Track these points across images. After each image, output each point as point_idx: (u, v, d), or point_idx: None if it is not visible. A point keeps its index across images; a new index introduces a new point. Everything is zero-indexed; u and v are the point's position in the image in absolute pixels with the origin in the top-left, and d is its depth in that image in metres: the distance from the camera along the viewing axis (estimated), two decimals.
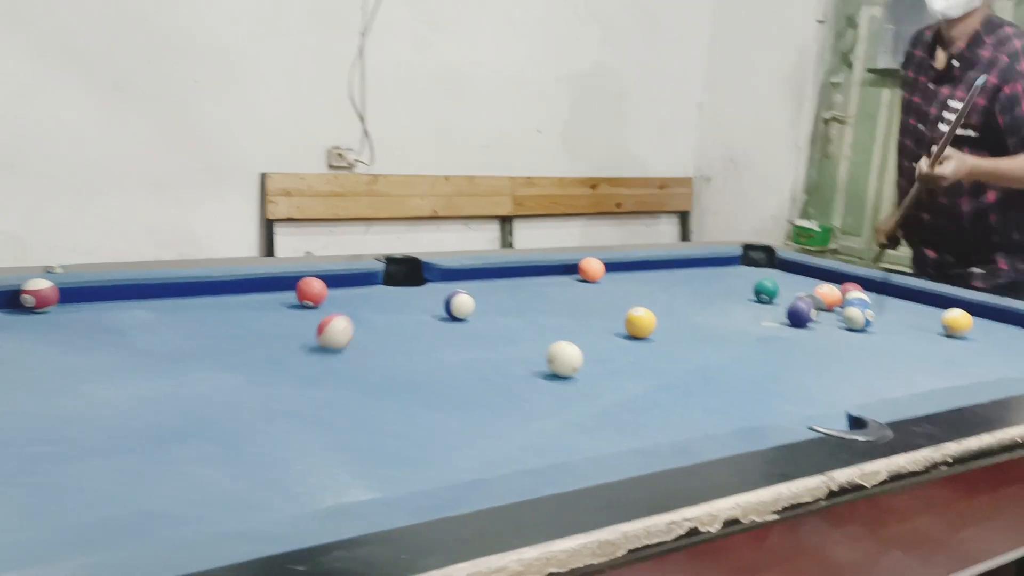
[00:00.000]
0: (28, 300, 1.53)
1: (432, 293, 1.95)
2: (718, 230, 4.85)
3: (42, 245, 3.17)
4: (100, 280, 1.67)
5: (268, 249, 3.61)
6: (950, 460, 1.11)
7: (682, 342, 1.72)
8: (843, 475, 1.01)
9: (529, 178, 4.31)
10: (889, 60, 4.10)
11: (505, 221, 4.29)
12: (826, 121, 4.47)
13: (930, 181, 2.40)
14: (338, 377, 1.35)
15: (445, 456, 1.07)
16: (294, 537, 0.78)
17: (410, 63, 3.85)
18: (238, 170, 3.53)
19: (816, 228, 4.46)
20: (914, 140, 2.67)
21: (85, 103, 3.18)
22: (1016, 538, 1.29)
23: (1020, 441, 1.19)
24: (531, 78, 4.22)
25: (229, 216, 3.55)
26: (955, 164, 2.36)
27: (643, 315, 1.71)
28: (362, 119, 3.77)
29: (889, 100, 4.18)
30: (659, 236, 4.89)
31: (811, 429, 1.14)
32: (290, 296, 1.79)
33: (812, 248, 4.39)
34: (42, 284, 1.55)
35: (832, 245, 4.48)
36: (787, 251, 2.72)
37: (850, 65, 4.37)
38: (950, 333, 1.92)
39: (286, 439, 1.08)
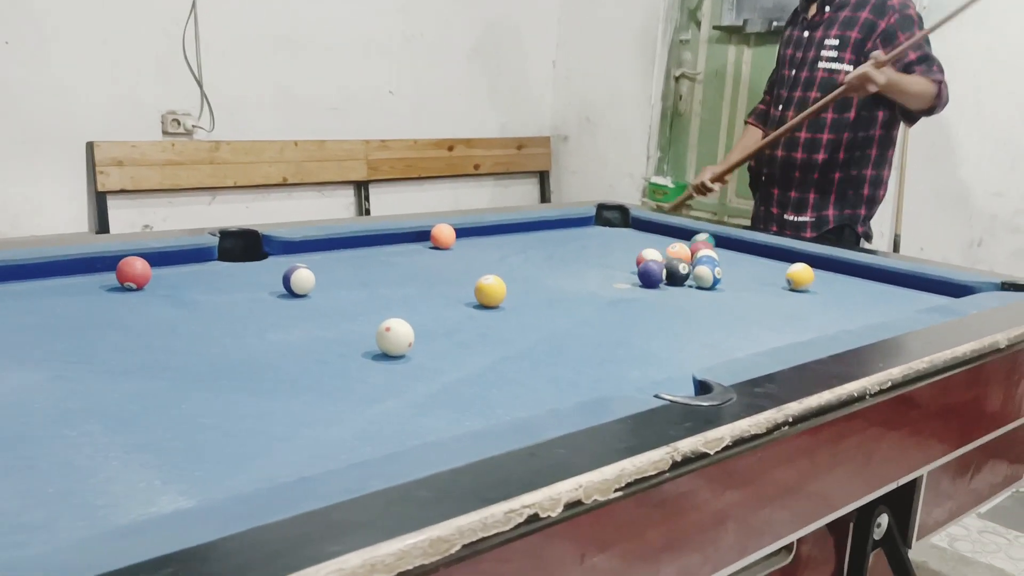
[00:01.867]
0: None
1: (272, 268, 1.84)
2: (577, 190, 4.87)
3: None
4: None
5: (102, 224, 3.37)
6: (791, 419, 1.11)
7: (533, 308, 1.68)
8: (687, 444, 0.98)
9: (383, 141, 4.18)
10: (734, 18, 4.17)
11: (360, 186, 4.16)
12: (676, 78, 4.53)
13: (864, 82, 2.48)
14: (154, 367, 1.23)
15: (269, 450, 0.98)
16: (79, 563, 0.68)
17: (249, 20, 3.64)
18: (61, 139, 3.26)
19: (670, 185, 4.53)
20: (789, 87, 2.79)
21: None
22: (855, 488, 1.32)
23: (856, 395, 1.21)
24: (379, 36, 4.08)
25: (53, 190, 3.28)
26: (888, 72, 2.47)
27: (492, 283, 1.66)
28: (199, 82, 3.55)
29: (735, 58, 4.26)
30: (519, 197, 4.86)
31: (657, 397, 1.11)
32: (112, 278, 1.64)
33: (667, 204, 4.46)
34: None
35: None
36: (641, 210, 2.72)
37: (698, 23, 4.42)
38: (794, 287, 1.95)
39: (87, 442, 0.97)
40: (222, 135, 3.65)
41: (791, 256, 2.18)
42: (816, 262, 2.11)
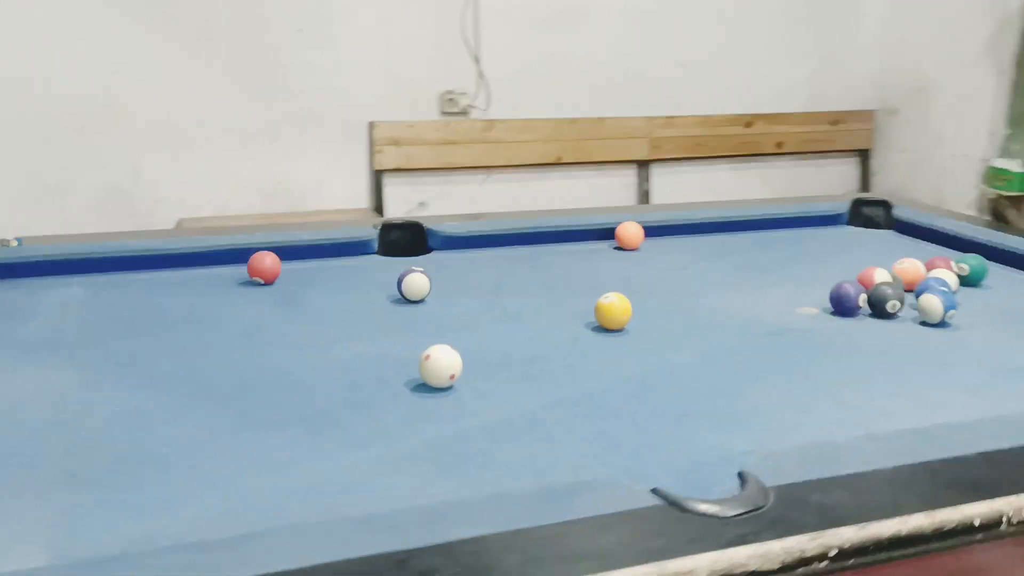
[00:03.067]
0: None
1: (428, 264, 1.76)
2: (905, 172, 4.22)
3: (150, 198, 3.28)
4: (44, 255, 1.62)
5: (378, 202, 3.54)
6: (833, 553, 0.78)
7: (662, 333, 1.42)
8: None
9: (669, 117, 3.93)
10: None
11: (642, 166, 3.95)
12: None
13: None
14: (183, 378, 1.20)
15: (183, 501, 0.89)
16: None
17: None
18: (345, 119, 3.47)
19: (1017, 169, 3.74)
20: None
21: (179, 55, 3.22)
22: None
23: (979, 523, 0.83)
24: (669, 2, 3.82)
25: (337, 167, 3.51)
26: None
27: (612, 303, 1.42)
28: (477, 60, 3.57)
29: None
30: (831, 181, 4.33)
31: (654, 492, 0.85)
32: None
33: (1010, 193, 3.71)
34: None
35: None
36: (908, 208, 2.23)
37: None
38: None
39: (31, 467, 0.94)
40: (497, 113, 3.65)
41: None
42: None
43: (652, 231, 1.98)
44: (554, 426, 1.08)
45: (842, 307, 1.53)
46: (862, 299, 1.52)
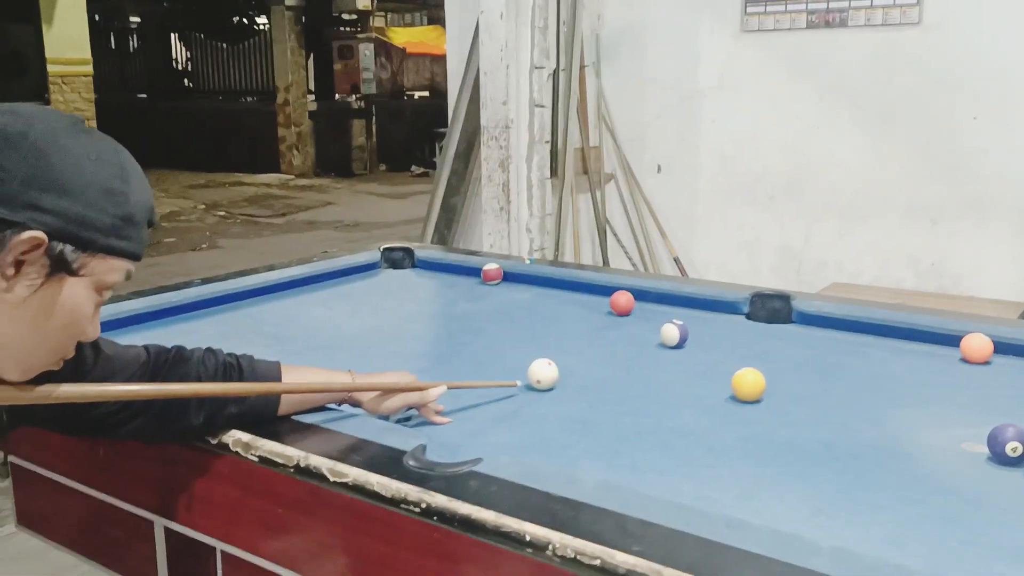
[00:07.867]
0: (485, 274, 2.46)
1: (771, 335, 2.01)
2: None
3: (814, 260, 3.77)
4: (528, 271, 2.47)
5: None
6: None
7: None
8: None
9: None
10: None
11: None
12: None
13: None
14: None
15: None
16: None
17: None
18: (1012, 207, 3.33)
19: None
20: None
21: (858, 138, 3.60)
22: None
23: None
24: None
25: (997, 255, 3.39)
26: None
27: (742, 378, 1.57)
28: None
29: None
30: None
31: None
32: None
33: None
34: (491, 266, 2.46)
35: None
36: None
37: None
38: None
39: None
40: None
41: None
42: None
43: None
44: None
45: (996, 447, 1.32)
46: (1012, 448, 1.29)
